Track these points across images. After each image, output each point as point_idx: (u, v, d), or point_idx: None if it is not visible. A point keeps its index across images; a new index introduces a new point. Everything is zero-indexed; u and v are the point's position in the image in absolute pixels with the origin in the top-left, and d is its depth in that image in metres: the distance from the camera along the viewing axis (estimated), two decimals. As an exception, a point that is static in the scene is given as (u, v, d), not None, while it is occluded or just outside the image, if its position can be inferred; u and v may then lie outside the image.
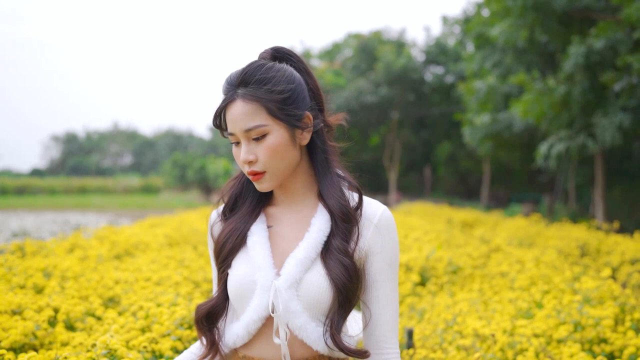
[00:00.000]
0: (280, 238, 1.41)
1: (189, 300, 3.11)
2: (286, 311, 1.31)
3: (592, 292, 3.56)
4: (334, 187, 1.40)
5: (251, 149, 1.34)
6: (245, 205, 1.46)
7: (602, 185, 12.32)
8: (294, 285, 1.32)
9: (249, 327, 1.35)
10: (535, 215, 10.52)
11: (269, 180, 1.36)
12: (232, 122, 1.35)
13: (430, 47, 26.64)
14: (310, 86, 1.41)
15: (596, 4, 10.85)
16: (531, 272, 4.41)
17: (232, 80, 1.36)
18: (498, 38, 12.21)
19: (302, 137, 1.38)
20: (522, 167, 21.05)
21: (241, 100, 1.33)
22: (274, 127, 1.33)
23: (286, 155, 1.35)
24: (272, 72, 1.34)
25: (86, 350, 2.36)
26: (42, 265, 3.67)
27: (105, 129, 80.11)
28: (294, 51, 1.44)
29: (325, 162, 1.42)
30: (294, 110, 1.34)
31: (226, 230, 1.43)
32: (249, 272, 1.36)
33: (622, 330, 3.16)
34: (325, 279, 1.33)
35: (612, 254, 6.15)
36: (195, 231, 6.90)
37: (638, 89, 9.07)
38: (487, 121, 13.56)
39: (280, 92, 1.33)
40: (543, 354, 2.84)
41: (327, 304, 1.34)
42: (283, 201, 1.46)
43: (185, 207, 24.27)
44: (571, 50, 9.66)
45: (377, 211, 1.40)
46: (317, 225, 1.38)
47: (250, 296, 1.35)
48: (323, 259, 1.35)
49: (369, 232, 1.39)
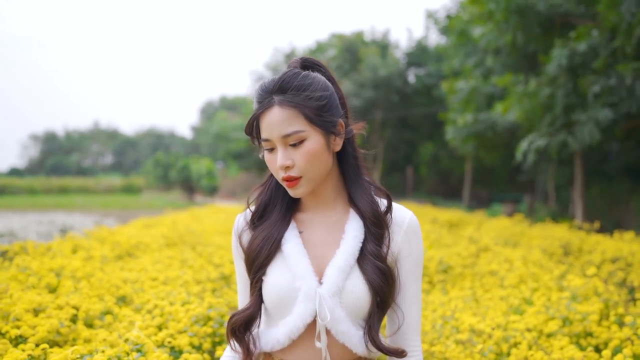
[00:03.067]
0: (313, 244, 1.44)
1: (200, 299, 3.25)
2: (332, 318, 1.34)
3: (579, 289, 3.77)
4: (365, 192, 1.45)
5: (288, 155, 1.36)
6: (275, 211, 1.48)
7: (581, 186, 12.62)
8: (337, 293, 1.35)
9: (291, 334, 1.38)
10: (518, 215, 10.80)
11: (305, 185, 1.39)
12: (268, 128, 1.36)
13: (412, 48, 26.93)
14: (338, 95, 1.45)
15: (576, 9, 11.14)
16: (520, 270, 4.62)
17: (268, 88, 1.38)
18: (480, 40, 12.43)
19: (335, 143, 1.42)
20: (503, 167, 21.39)
21: (279, 107, 1.35)
22: (311, 133, 1.36)
23: (322, 161, 1.38)
24: (308, 80, 1.37)
25: (110, 345, 2.50)
26: (55, 265, 3.79)
27: (86, 128, 79.46)
28: (321, 62, 1.48)
29: (356, 168, 1.47)
30: (330, 117, 1.38)
31: (259, 238, 1.45)
32: (290, 279, 1.38)
33: (606, 325, 3.35)
34: (364, 284, 1.37)
35: (594, 253, 6.40)
36: (191, 232, 7.02)
37: (617, 89, 9.32)
38: (470, 121, 13.75)
39: (318, 99, 1.36)
40: (536, 347, 3.04)
41: (366, 308, 1.38)
42: (312, 207, 1.48)
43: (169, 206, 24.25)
44: (554, 53, 9.85)
45: (406, 217, 1.46)
46: (351, 232, 1.41)
47: (292, 303, 1.38)
48: (359, 264, 1.39)
49: (399, 237, 1.44)
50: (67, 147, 75.02)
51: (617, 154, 15.34)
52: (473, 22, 13.64)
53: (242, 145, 33.99)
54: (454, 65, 16.03)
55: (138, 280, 3.78)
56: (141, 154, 72.23)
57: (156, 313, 2.99)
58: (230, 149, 35.65)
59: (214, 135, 45.29)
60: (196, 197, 38.77)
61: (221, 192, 40.46)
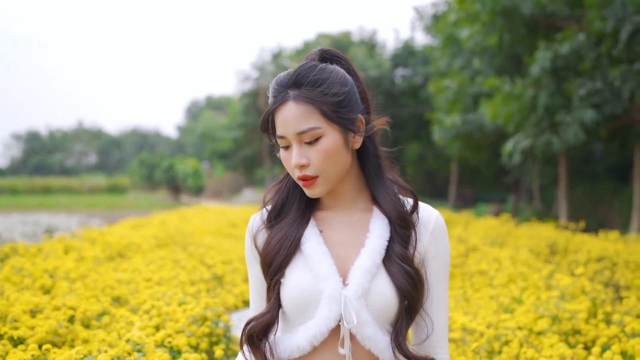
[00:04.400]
0: (334, 243, 1.35)
1: (197, 299, 3.28)
2: (358, 322, 1.26)
3: (567, 288, 3.85)
4: (388, 191, 1.37)
5: (303, 153, 1.29)
6: (292, 210, 1.39)
7: (566, 186, 12.78)
8: (364, 295, 1.27)
9: (314, 339, 1.28)
10: (505, 215, 10.93)
11: (321, 185, 1.31)
12: (283, 125, 1.29)
13: (398, 49, 27.07)
14: (359, 89, 1.36)
15: (561, 11, 11.29)
16: (508, 270, 4.70)
17: (283, 82, 1.30)
18: (467, 42, 12.53)
19: (354, 140, 1.34)
20: (488, 167, 21.59)
21: (294, 102, 1.28)
22: (328, 130, 1.28)
23: (339, 159, 1.30)
24: (325, 74, 1.29)
25: (108, 345, 2.53)
26: (49, 267, 3.79)
27: (69, 128, 78.65)
28: (342, 54, 1.39)
29: (377, 167, 1.39)
30: (348, 114, 1.30)
31: (277, 238, 1.36)
32: (312, 281, 1.30)
33: (594, 323, 3.44)
34: (391, 286, 1.29)
35: (580, 252, 6.51)
36: (181, 232, 7.03)
37: (602, 92, 9.45)
38: (457, 122, 13.85)
39: (335, 94, 1.28)
40: (527, 345, 3.11)
41: (394, 312, 1.30)
42: (332, 205, 1.40)
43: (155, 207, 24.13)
44: (538, 55, 9.97)
45: (432, 216, 1.38)
46: (377, 231, 1.33)
47: (314, 307, 1.29)
48: (385, 265, 1.30)
49: (426, 238, 1.36)
50: (50, 147, 74.27)
51: (601, 154, 15.56)
52: (459, 24, 13.75)
53: (228, 145, 33.92)
54: (441, 67, 16.13)
55: (132, 281, 3.79)
56: (126, 153, 71.75)
57: (153, 313, 3.01)
58: (216, 149, 35.56)
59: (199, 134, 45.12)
60: (182, 197, 38.60)
61: (207, 192, 40.33)
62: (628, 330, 3.10)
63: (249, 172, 35.92)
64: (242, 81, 31.50)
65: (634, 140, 10.83)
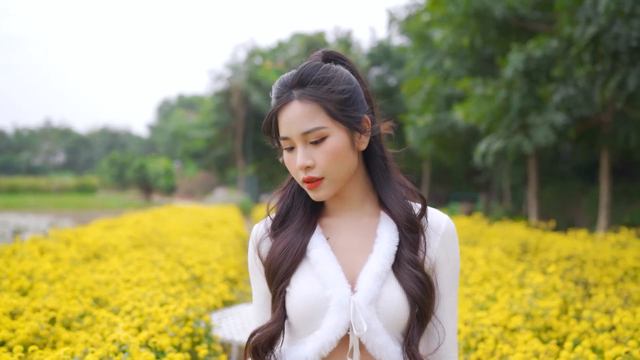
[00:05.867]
0: (341, 250, 1.31)
1: (179, 300, 3.29)
2: (368, 330, 1.21)
3: (540, 286, 3.97)
4: (396, 195, 1.33)
5: (308, 154, 1.25)
6: (297, 217, 1.35)
7: (536, 185, 13.03)
8: (374, 302, 1.22)
9: (322, 350, 1.23)
10: (477, 214, 11.12)
11: (327, 187, 1.27)
12: (287, 125, 1.25)
13: (373, 49, 27.23)
14: (363, 90, 1.33)
15: (531, 14, 11.50)
16: (483, 269, 4.81)
17: (287, 82, 1.27)
18: (441, 44, 12.67)
19: (360, 141, 1.30)
20: (460, 167, 21.87)
21: (298, 102, 1.24)
22: (333, 129, 1.24)
23: (346, 160, 1.26)
24: (330, 72, 1.26)
25: (91, 346, 2.53)
26: (26, 268, 3.75)
27: (37, 126, 77.14)
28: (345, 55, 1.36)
29: (385, 169, 1.35)
30: (354, 112, 1.27)
31: (281, 246, 1.31)
32: (320, 288, 1.25)
33: (565, 319, 3.55)
34: (402, 293, 1.24)
35: (550, 251, 6.68)
36: (157, 233, 6.99)
37: (576, 97, 9.66)
38: (430, 122, 14.00)
39: (341, 92, 1.25)
40: (502, 341, 3.20)
41: (405, 320, 1.25)
42: (338, 210, 1.35)
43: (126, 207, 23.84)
44: (511, 58, 10.13)
45: (442, 221, 1.34)
46: (385, 236, 1.29)
47: (321, 316, 1.24)
48: (395, 271, 1.26)
49: (436, 243, 1.32)
50: (16, 146, 72.73)
51: (570, 155, 15.91)
52: (432, 25, 13.88)
53: (200, 144, 33.70)
54: (414, 67, 16.27)
55: (112, 282, 3.78)
56: (95, 152, 70.74)
57: (135, 314, 3.01)
58: (188, 148, 35.29)
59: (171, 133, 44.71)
60: (153, 196, 38.23)
61: (179, 192, 40.01)
62: (597, 325, 3.21)
63: (221, 172, 35.73)
64: (214, 80, 31.34)
65: (602, 141, 11.11)
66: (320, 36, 27.89)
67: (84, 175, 58.21)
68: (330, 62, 1.31)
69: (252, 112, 30.27)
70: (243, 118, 30.37)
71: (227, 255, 5.90)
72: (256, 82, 29.56)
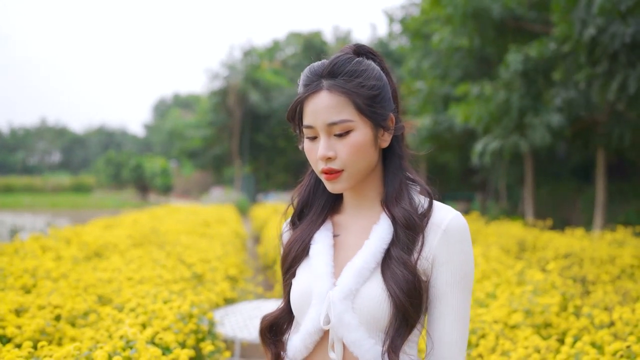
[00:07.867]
0: (343, 247, 1.33)
1: (183, 297, 3.32)
2: (340, 324, 1.21)
3: (539, 283, 4.01)
4: (399, 193, 1.31)
5: (331, 145, 1.24)
6: (311, 213, 1.39)
7: (532, 185, 13.10)
8: (350, 297, 1.22)
9: (305, 340, 1.27)
10: (474, 213, 11.16)
11: (345, 180, 1.27)
12: (313, 114, 1.24)
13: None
14: (391, 88, 1.32)
15: (528, 15, 11.55)
16: (482, 267, 4.84)
17: (318, 70, 1.26)
18: (439, 45, 12.70)
19: (383, 138, 1.30)
20: (456, 167, 21.93)
21: (327, 92, 1.23)
22: (359, 123, 1.24)
23: (367, 156, 1.26)
24: (362, 66, 1.25)
25: (97, 343, 2.55)
26: (29, 266, 3.77)
27: (32, 125, 76.96)
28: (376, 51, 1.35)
29: (398, 168, 1.34)
30: (381, 109, 1.26)
31: (291, 239, 1.38)
32: (308, 281, 1.30)
33: (565, 316, 3.59)
34: (383, 291, 1.21)
35: (547, 249, 6.73)
36: (156, 232, 7.00)
37: (576, 100, 9.71)
38: (429, 123, 14.03)
39: (371, 87, 1.24)
40: (502, 337, 3.23)
41: (384, 319, 1.21)
42: (352, 207, 1.37)
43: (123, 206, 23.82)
44: (509, 58, 10.16)
45: (447, 217, 1.27)
46: (378, 233, 1.28)
47: (307, 307, 1.28)
48: (382, 269, 1.24)
49: (435, 239, 1.25)
50: (12, 145, 72.58)
51: (566, 154, 15.98)
52: (430, 27, 13.91)
53: (196, 144, 33.68)
54: (411, 67, 16.30)
55: (115, 280, 3.80)
56: (91, 152, 70.66)
57: (140, 311, 3.04)
58: (184, 148, 35.28)
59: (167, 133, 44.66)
60: (150, 196, 38.19)
61: (175, 191, 39.97)
62: (597, 322, 3.25)
63: (218, 172, 35.73)
64: (211, 79, 31.33)
65: (597, 141, 11.17)
66: (317, 36, 27.92)
67: (80, 174, 58.12)
68: (361, 56, 1.30)
69: (249, 111, 30.27)
70: (240, 117, 30.36)
71: (227, 254, 5.92)
72: (253, 81, 29.56)
